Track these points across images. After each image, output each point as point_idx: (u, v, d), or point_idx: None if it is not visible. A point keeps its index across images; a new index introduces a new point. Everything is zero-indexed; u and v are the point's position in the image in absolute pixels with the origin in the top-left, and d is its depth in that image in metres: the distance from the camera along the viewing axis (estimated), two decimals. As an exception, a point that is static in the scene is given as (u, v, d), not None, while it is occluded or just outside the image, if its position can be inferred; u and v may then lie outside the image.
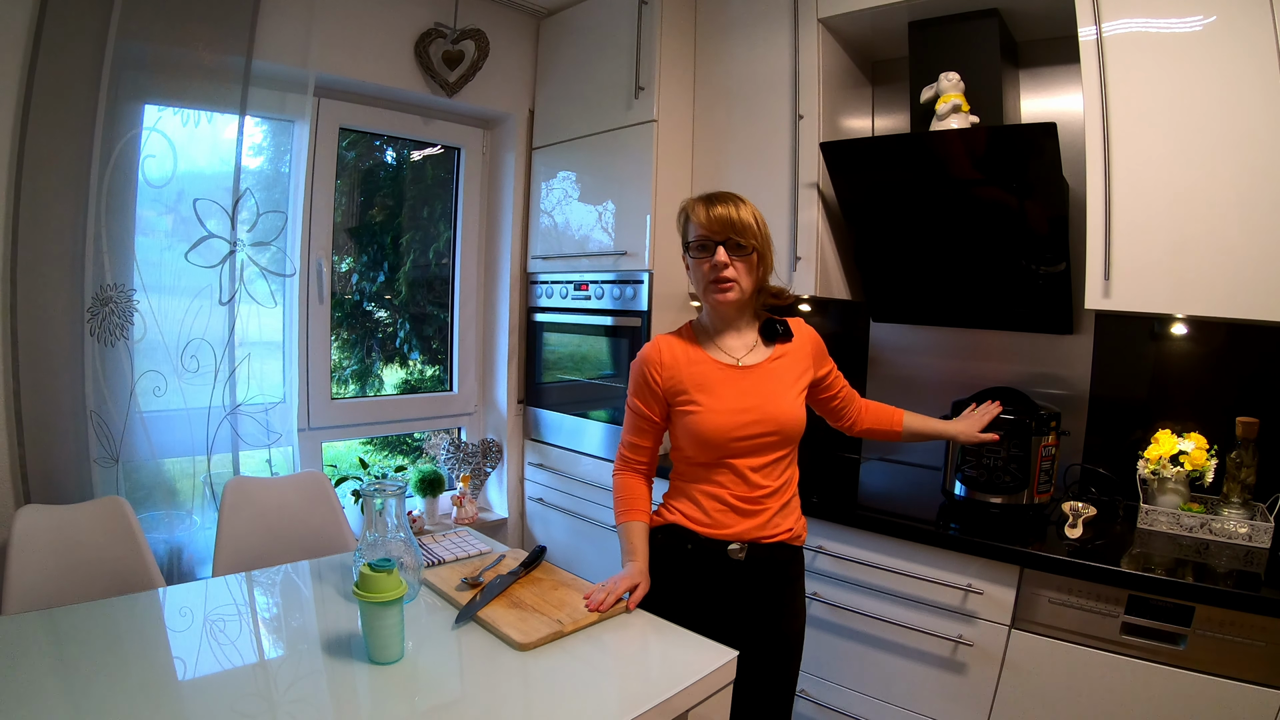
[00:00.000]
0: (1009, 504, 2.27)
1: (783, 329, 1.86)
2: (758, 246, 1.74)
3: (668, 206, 2.91)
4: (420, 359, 3.58)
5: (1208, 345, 2.29)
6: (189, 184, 2.37)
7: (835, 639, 2.35)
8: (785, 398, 1.78)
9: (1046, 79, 2.53)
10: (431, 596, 1.74)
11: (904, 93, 2.63)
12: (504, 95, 3.34)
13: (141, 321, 2.30)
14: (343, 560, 1.99)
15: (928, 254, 2.60)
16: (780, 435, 1.76)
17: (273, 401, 2.63)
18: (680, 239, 1.83)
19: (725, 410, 1.73)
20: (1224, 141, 1.90)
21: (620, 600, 1.67)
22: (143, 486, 2.36)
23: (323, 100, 2.90)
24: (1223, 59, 1.89)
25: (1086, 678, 1.89)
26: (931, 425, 2.14)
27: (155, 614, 1.64)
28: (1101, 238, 2.06)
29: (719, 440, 1.73)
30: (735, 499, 1.76)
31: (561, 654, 1.47)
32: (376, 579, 1.38)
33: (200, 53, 2.34)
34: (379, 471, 3.33)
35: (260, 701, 1.29)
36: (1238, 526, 2.00)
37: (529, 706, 1.35)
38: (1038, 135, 2.12)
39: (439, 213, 3.54)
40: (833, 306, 3.12)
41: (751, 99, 2.84)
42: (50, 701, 1.22)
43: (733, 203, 1.72)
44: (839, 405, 2.02)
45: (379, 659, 1.40)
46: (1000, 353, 2.69)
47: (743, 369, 1.79)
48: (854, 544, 2.30)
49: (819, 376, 1.93)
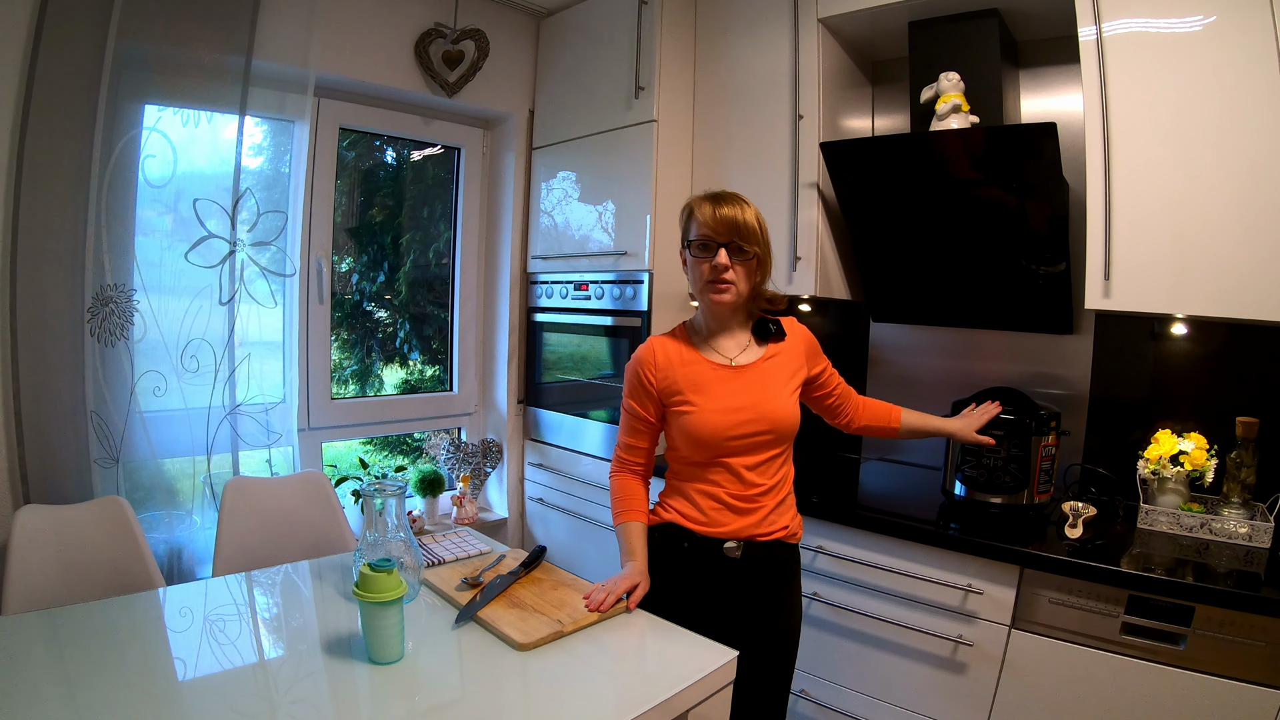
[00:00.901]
0: (1009, 504, 2.28)
1: (775, 328, 1.86)
2: (759, 252, 1.75)
3: (668, 206, 2.91)
4: (420, 359, 3.58)
5: (1208, 345, 2.29)
6: (189, 184, 2.37)
7: (835, 639, 2.35)
8: (779, 396, 1.78)
9: (1046, 79, 2.53)
10: (431, 596, 1.74)
11: (904, 93, 2.63)
12: (504, 95, 3.34)
13: (141, 321, 2.30)
14: (343, 560, 1.99)
15: (928, 254, 2.60)
16: (774, 434, 1.76)
17: (273, 401, 2.62)
18: (681, 234, 1.83)
19: (719, 410, 1.74)
20: (1224, 141, 1.90)
21: (620, 600, 1.68)
22: (143, 487, 2.36)
23: (323, 100, 2.90)
24: (1223, 59, 1.89)
25: (1086, 678, 1.89)
26: (930, 422, 2.14)
27: (155, 614, 1.64)
28: (1101, 237, 2.06)
29: (713, 439, 1.73)
30: (730, 497, 1.76)
31: (561, 654, 1.47)
32: (376, 579, 1.38)
33: (200, 52, 2.33)
34: (379, 471, 3.33)
35: (260, 702, 1.29)
36: (1238, 526, 2.00)
37: (529, 706, 1.35)
38: (1038, 135, 2.12)
39: (439, 213, 3.54)
40: (832, 306, 3.12)
41: (751, 99, 2.84)
42: (50, 702, 1.22)
43: (738, 205, 1.73)
44: (835, 403, 2.02)
45: (379, 659, 1.40)
46: (1000, 353, 2.69)
47: (736, 368, 1.79)
48: (854, 544, 2.30)
49: (813, 374, 1.93)
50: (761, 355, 1.82)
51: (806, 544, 2.37)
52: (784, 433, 1.79)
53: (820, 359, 1.95)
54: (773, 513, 1.79)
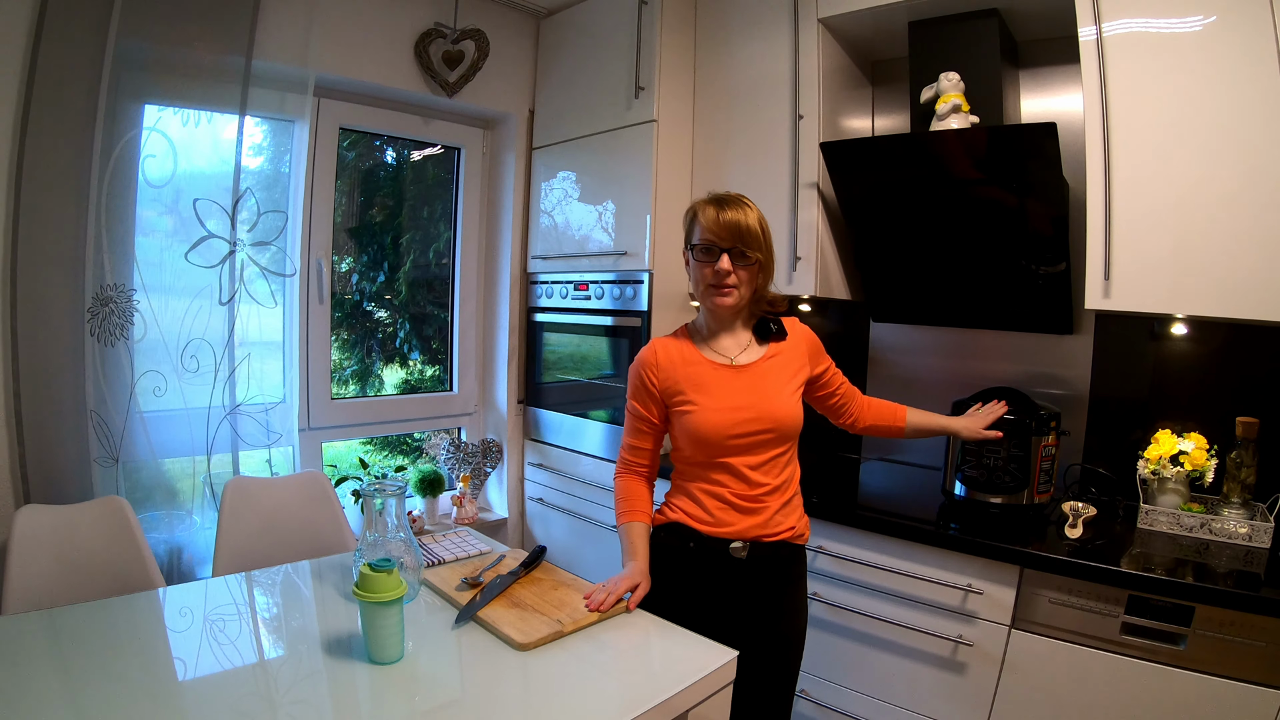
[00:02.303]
0: (1009, 504, 2.28)
1: (776, 328, 1.86)
2: (761, 258, 1.75)
3: (668, 206, 2.91)
4: (420, 359, 3.58)
5: (1208, 345, 2.29)
6: (189, 184, 2.37)
7: (835, 639, 2.35)
8: (780, 395, 1.78)
9: (1046, 79, 2.53)
10: (431, 596, 1.74)
11: (904, 93, 2.63)
12: (504, 95, 3.34)
13: (141, 321, 2.30)
14: (343, 560, 1.99)
15: (928, 254, 2.60)
16: (777, 433, 1.76)
17: (273, 401, 2.62)
18: (684, 236, 1.83)
19: (721, 409, 1.74)
20: (1224, 141, 1.90)
21: (620, 600, 1.68)
22: (142, 486, 2.36)
23: (323, 100, 2.90)
24: (1222, 59, 1.89)
25: (1086, 678, 1.89)
26: (935, 420, 2.14)
27: (155, 614, 1.64)
28: (1101, 238, 2.06)
29: (716, 439, 1.73)
30: (735, 497, 1.76)
31: (561, 654, 1.47)
32: (377, 579, 1.38)
33: (200, 52, 2.34)
34: (379, 471, 3.33)
35: (260, 702, 1.29)
36: (1238, 526, 2.00)
37: (528, 706, 1.35)
38: (1038, 135, 2.12)
39: (439, 213, 3.54)
40: (833, 306, 3.12)
41: (752, 99, 2.84)
42: (50, 702, 1.22)
43: (742, 208, 1.73)
44: (839, 403, 2.02)
45: (379, 659, 1.40)
46: (1000, 353, 2.69)
47: (737, 368, 1.79)
48: (854, 544, 2.30)
49: (816, 374, 1.92)
50: (763, 355, 1.82)
51: (808, 544, 2.37)
52: (786, 431, 1.78)
53: (823, 358, 1.95)
54: (778, 513, 1.79)
